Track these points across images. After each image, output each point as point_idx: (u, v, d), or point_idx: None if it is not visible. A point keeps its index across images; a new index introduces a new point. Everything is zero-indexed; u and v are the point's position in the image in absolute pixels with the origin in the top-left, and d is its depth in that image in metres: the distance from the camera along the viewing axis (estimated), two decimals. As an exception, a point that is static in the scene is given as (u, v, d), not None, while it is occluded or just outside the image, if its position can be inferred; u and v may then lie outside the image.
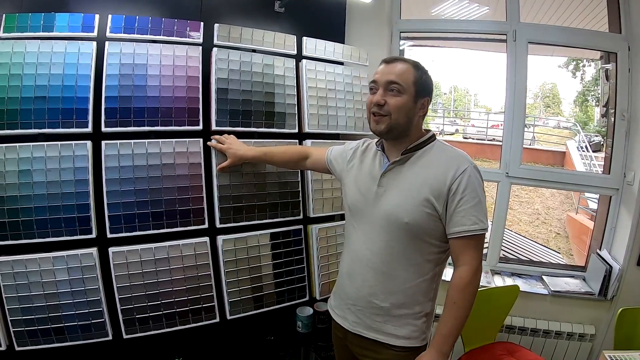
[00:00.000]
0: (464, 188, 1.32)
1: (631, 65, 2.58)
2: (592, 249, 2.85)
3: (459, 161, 1.37)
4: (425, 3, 3.82)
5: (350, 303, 1.52)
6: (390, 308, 1.43)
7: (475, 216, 1.32)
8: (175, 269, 1.85)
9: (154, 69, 1.82)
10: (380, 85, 1.39)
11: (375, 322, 1.46)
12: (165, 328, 1.84)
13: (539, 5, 3.61)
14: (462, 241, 1.34)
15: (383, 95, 1.37)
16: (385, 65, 1.42)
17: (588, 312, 2.64)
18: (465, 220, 1.32)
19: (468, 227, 1.32)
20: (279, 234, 2.13)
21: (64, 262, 1.65)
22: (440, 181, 1.34)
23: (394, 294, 1.42)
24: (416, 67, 1.40)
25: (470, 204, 1.32)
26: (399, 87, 1.36)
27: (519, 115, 2.68)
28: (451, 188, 1.33)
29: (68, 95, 1.66)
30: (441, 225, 1.38)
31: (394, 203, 1.39)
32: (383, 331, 1.45)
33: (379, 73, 1.41)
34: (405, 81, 1.36)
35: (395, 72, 1.37)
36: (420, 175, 1.39)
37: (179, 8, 2.01)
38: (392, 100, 1.36)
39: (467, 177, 1.33)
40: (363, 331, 1.48)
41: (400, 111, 1.37)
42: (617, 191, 2.65)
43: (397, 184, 1.42)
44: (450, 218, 1.35)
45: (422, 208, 1.35)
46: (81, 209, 1.67)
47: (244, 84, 2.02)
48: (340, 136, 2.39)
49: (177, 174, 1.86)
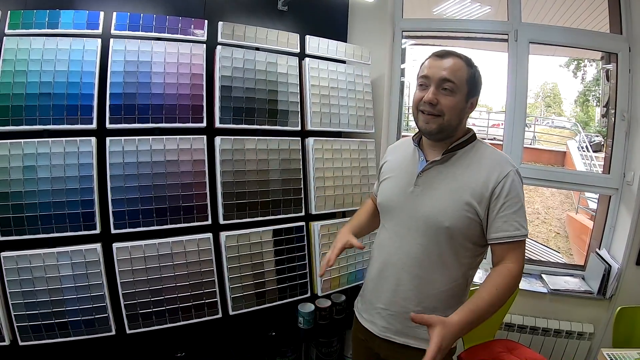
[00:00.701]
0: (507, 192, 1.27)
1: (632, 66, 2.58)
2: (591, 248, 2.86)
3: (502, 164, 1.31)
4: (427, 2, 3.82)
5: (381, 307, 1.45)
6: (423, 312, 1.31)
7: (518, 222, 1.27)
8: (179, 264, 1.88)
9: (158, 67, 1.84)
10: (432, 81, 1.29)
11: (407, 327, 1.39)
12: (168, 323, 1.87)
13: (541, 5, 3.61)
14: (505, 246, 1.29)
15: (436, 94, 1.28)
16: (436, 59, 1.31)
17: (587, 311, 2.65)
18: (507, 226, 1.27)
19: (511, 232, 1.27)
20: (282, 231, 2.15)
21: (68, 257, 1.68)
22: (482, 184, 1.29)
23: (428, 298, 1.36)
24: (469, 63, 1.31)
25: (513, 209, 1.27)
26: (452, 86, 1.27)
27: (520, 115, 2.69)
28: (494, 192, 1.28)
29: (73, 92, 1.68)
30: (481, 229, 1.32)
31: (433, 206, 1.32)
32: (415, 336, 1.39)
33: (431, 67, 1.31)
34: (459, 79, 1.28)
35: (449, 69, 1.27)
36: (461, 178, 1.32)
37: (183, 6, 2.03)
38: (446, 100, 1.28)
39: (510, 181, 1.28)
40: (393, 336, 1.42)
41: (454, 112, 1.29)
42: (617, 191, 2.67)
43: (436, 185, 1.35)
44: (492, 223, 1.29)
45: (464, 212, 1.29)
46: (85, 204, 1.69)
47: (248, 81, 2.04)
48: (342, 134, 2.42)
49: (181, 171, 1.88)
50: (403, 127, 3.05)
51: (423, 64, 1.36)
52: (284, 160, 2.16)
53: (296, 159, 2.21)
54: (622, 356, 1.89)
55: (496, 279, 1.27)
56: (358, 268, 2.43)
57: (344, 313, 2.35)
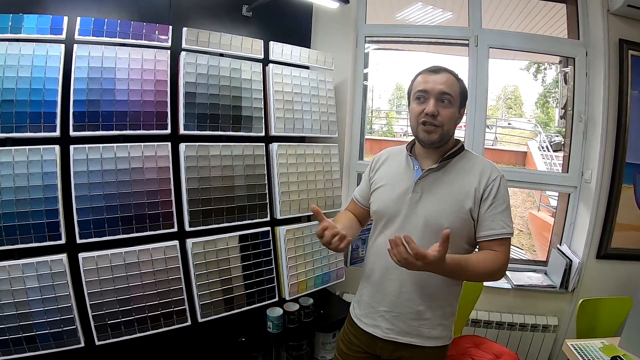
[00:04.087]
0: (495, 194, 1.43)
1: (588, 70, 2.77)
2: (552, 244, 3.04)
3: (491, 169, 1.48)
4: (390, 7, 3.95)
5: (384, 310, 1.55)
6: (426, 311, 1.50)
7: (504, 221, 1.43)
8: (146, 273, 1.91)
9: (122, 73, 1.87)
10: (432, 95, 1.43)
11: (410, 326, 1.52)
12: (137, 333, 1.89)
13: (501, 12, 3.78)
14: (492, 243, 1.45)
15: (436, 106, 1.43)
16: (432, 74, 1.47)
17: (551, 304, 2.81)
18: (494, 224, 1.43)
19: (498, 230, 1.42)
20: (248, 236, 2.22)
21: (33, 269, 1.68)
22: (474, 187, 1.44)
23: (429, 297, 1.50)
24: (457, 77, 1.49)
25: (500, 209, 1.43)
26: (450, 98, 1.43)
27: (481, 117, 2.84)
28: (484, 194, 1.44)
29: (36, 98, 1.68)
30: (473, 229, 1.47)
31: (433, 209, 1.46)
32: (418, 334, 1.52)
33: (428, 82, 1.45)
34: (454, 92, 1.45)
35: (445, 83, 1.44)
36: (456, 183, 1.47)
37: (148, 11, 2.06)
38: (445, 111, 1.43)
39: (497, 184, 1.44)
40: (397, 337, 1.53)
41: (451, 122, 1.46)
42: (576, 189, 2.85)
43: (434, 190, 1.48)
44: (481, 222, 1.45)
45: (461, 215, 1.44)
46: (50, 214, 1.70)
47: (212, 87, 2.10)
48: (306, 139, 2.51)
49: (146, 178, 1.92)
50: (367, 130, 3.13)
51: (416, 80, 1.52)
52: (248, 166, 2.23)
53: (260, 165, 2.28)
54: (586, 346, 2.02)
55: (485, 256, 1.43)
56: (325, 271, 2.51)
57: (313, 316, 2.41)
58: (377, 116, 15.82)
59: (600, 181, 2.67)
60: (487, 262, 1.40)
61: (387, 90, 18.16)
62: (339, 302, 2.71)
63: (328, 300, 2.69)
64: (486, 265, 1.39)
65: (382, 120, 15.93)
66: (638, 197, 2.72)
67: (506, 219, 1.44)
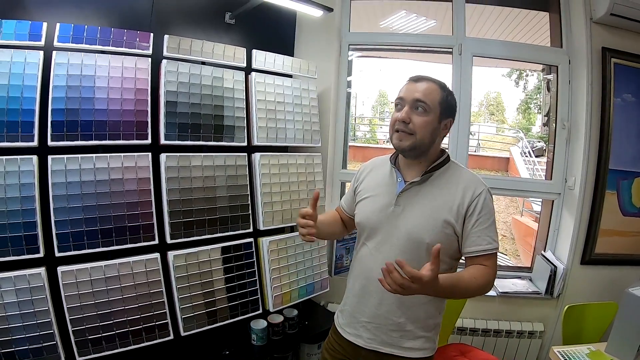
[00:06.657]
0: (480, 209, 1.43)
1: (571, 77, 2.86)
2: (537, 251, 3.11)
3: (476, 184, 1.47)
4: (375, 15, 4.00)
5: (365, 321, 1.58)
6: (406, 323, 1.52)
7: (490, 236, 1.44)
8: (127, 286, 1.90)
9: (102, 81, 1.86)
10: (406, 102, 1.45)
11: (391, 337, 1.53)
12: (119, 348, 1.88)
13: (484, 20, 3.86)
14: (479, 258, 1.46)
15: (409, 113, 1.43)
16: (412, 83, 1.48)
17: (536, 311, 2.86)
18: (480, 240, 1.43)
19: (484, 246, 1.43)
20: (230, 248, 2.23)
21: (11, 283, 1.66)
22: (458, 203, 1.44)
23: (410, 309, 1.51)
24: (442, 87, 1.48)
25: (485, 225, 1.44)
26: (425, 106, 1.42)
27: (464, 124, 2.90)
28: (469, 209, 1.44)
29: (13, 107, 1.67)
30: (457, 244, 1.48)
31: (415, 223, 1.46)
32: (399, 345, 1.53)
33: (406, 90, 1.47)
34: (432, 100, 1.43)
35: (421, 91, 1.44)
36: (439, 197, 1.47)
37: (129, 18, 2.06)
38: (418, 119, 1.43)
39: (482, 199, 1.44)
40: (379, 347, 1.55)
41: (425, 130, 1.44)
42: (559, 195, 2.92)
43: (416, 204, 1.49)
44: (466, 238, 1.45)
45: (443, 229, 1.44)
46: (28, 227, 1.69)
47: (193, 96, 2.11)
48: (289, 149, 2.53)
49: (126, 190, 1.92)
50: (350, 137, 3.15)
51: (400, 89, 1.53)
52: (230, 177, 2.24)
53: (243, 175, 2.29)
54: (571, 352, 2.07)
55: (475, 271, 1.43)
56: (309, 282, 2.54)
57: (297, 327, 2.43)
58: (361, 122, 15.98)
59: (584, 188, 2.74)
60: (479, 278, 1.41)
61: (371, 97, 18.38)
62: (323, 313, 2.73)
63: (313, 311, 2.70)
64: (477, 282, 1.40)
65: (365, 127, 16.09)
66: (621, 203, 2.80)
67: (492, 233, 1.46)
